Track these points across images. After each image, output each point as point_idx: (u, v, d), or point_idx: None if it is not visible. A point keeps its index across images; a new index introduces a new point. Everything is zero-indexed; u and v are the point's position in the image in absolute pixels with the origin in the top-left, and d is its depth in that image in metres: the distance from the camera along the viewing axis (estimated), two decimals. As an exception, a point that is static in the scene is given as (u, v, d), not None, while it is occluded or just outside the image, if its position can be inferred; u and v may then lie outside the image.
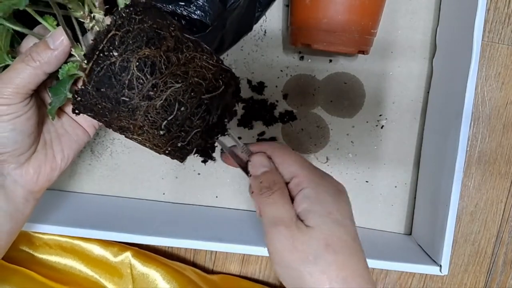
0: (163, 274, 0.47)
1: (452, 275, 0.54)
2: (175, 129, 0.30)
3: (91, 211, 0.48)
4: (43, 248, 0.48)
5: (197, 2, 0.40)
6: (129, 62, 0.28)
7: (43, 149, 0.34)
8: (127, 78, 0.28)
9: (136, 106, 0.29)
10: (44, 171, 0.34)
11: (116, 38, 0.28)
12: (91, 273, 0.48)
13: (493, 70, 0.52)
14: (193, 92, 0.30)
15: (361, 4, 0.41)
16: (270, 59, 0.50)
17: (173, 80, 0.29)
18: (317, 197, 0.30)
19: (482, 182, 0.53)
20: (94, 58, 0.28)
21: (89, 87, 0.28)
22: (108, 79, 0.28)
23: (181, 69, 0.30)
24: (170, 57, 0.29)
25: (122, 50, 0.28)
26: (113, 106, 0.29)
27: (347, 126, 0.51)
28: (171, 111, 0.29)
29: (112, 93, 0.28)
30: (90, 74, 0.28)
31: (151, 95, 0.29)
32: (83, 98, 0.29)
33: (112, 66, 0.28)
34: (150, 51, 0.28)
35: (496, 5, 0.51)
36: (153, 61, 0.28)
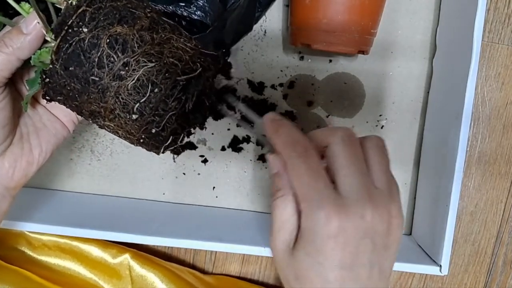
0: (161, 276, 0.47)
1: (452, 275, 0.54)
2: (148, 113, 0.28)
3: (91, 211, 0.48)
4: (41, 249, 0.48)
5: (197, 2, 0.40)
6: (100, 39, 0.27)
7: (19, 143, 0.33)
8: (96, 56, 0.27)
9: (107, 87, 0.27)
10: (20, 165, 0.33)
11: (86, 14, 0.27)
12: (90, 275, 0.48)
13: (493, 70, 0.52)
14: (167, 73, 0.28)
15: (361, 4, 0.41)
16: (270, 59, 0.50)
17: (146, 59, 0.27)
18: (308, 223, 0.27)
19: (482, 182, 0.53)
20: (62, 34, 0.27)
21: (57, 65, 0.27)
22: (77, 56, 0.27)
23: (155, 49, 0.28)
24: (144, 36, 0.28)
25: (92, 26, 0.27)
26: (82, 87, 0.28)
27: (347, 126, 0.51)
28: (144, 93, 0.28)
29: (81, 72, 0.27)
30: (58, 52, 0.27)
31: (122, 74, 0.27)
32: (51, 79, 0.28)
33: (81, 43, 0.27)
34: (123, 28, 0.27)
35: (496, 5, 0.51)
36: (125, 38, 0.27)
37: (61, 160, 0.51)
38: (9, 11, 0.31)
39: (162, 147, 0.32)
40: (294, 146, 0.28)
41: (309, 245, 0.26)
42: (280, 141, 0.29)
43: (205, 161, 0.51)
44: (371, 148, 0.29)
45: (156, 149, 0.32)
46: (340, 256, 0.26)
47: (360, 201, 0.26)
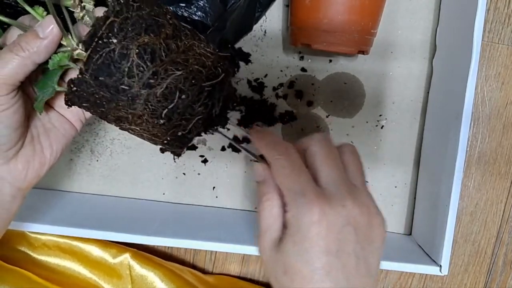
0: (161, 276, 0.47)
1: (452, 275, 0.54)
2: (176, 118, 0.29)
3: (91, 211, 0.48)
4: (41, 249, 0.48)
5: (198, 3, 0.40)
6: (129, 49, 0.27)
7: (30, 144, 0.33)
8: (127, 66, 0.27)
9: (136, 95, 0.28)
10: (33, 166, 0.33)
11: (115, 25, 0.27)
12: (90, 275, 0.48)
13: (493, 70, 0.52)
14: (194, 80, 0.29)
15: (361, 5, 0.41)
16: (270, 59, 0.50)
17: (173, 68, 0.28)
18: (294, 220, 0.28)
19: (482, 182, 0.53)
20: (93, 45, 0.27)
21: (87, 75, 0.28)
22: (107, 67, 0.27)
23: (181, 57, 0.29)
24: (170, 45, 0.28)
25: (121, 37, 0.27)
26: (111, 95, 0.28)
27: (347, 126, 0.51)
28: (172, 99, 0.29)
29: (111, 81, 0.28)
30: (88, 62, 0.27)
31: (152, 83, 0.28)
32: (79, 88, 0.28)
33: (111, 54, 0.27)
34: (150, 38, 0.28)
35: (496, 5, 0.51)
36: (153, 48, 0.28)
37: (61, 160, 0.50)
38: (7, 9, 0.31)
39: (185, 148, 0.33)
40: (276, 147, 0.30)
41: (295, 234, 0.27)
42: (263, 144, 0.31)
43: (205, 161, 0.51)
44: (346, 152, 0.31)
45: (180, 149, 0.33)
46: (325, 242, 0.27)
47: (341, 193, 0.28)
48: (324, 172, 0.29)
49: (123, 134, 0.50)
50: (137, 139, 0.51)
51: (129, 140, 0.50)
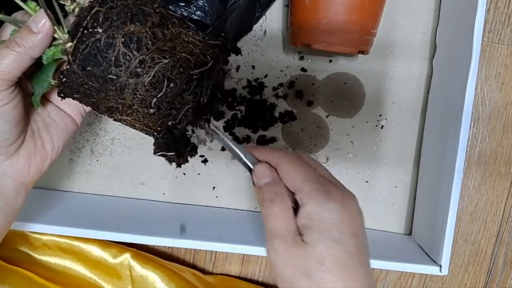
0: (161, 276, 0.47)
1: (452, 275, 0.54)
2: (165, 107, 0.29)
3: (91, 211, 0.48)
4: (41, 249, 0.48)
5: (197, 2, 0.40)
6: (115, 38, 0.27)
7: (31, 139, 0.33)
8: (113, 55, 0.27)
9: (124, 84, 0.28)
10: (35, 161, 0.34)
11: (99, 15, 0.27)
12: (90, 275, 0.48)
13: (493, 70, 0.52)
14: (181, 68, 0.29)
15: (361, 4, 0.41)
16: (270, 59, 0.50)
17: (160, 56, 0.28)
18: (316, 213, 0.30)
19: (482, 182, 0.53)
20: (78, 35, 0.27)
21: (74, 66, 0.28)
22: (94, 56, 0.27)
23: (168, 45, 0.29)
24: (156, 33, 0.28)
25: (107, 26, 0.27)
26: (100, 85, 0.28)
27: (347, 126, 0.51)
28: (160, 88, 0.29)
29: (98, 71, 0.28)
30: (75, 52, 0.28)
31: (139, 71, 0.28)
32: (68, 79, 0.29)
33: (97, 43, 0.27)
34: (135, 27, 0.28)
35: (496, 5, 0.51)
36: (139, 36, 0.28)
37: (61, 160, 0.51)
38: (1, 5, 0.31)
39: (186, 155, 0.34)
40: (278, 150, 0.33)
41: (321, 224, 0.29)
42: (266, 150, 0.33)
43: (205, 161, 0.51)
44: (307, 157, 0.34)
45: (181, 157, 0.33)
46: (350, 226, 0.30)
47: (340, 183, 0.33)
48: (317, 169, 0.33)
49: (123, 134, 0.50)
50: (137, 139, 0.51)
51: (129, 140, 0.50)
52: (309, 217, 0.29)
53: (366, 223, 0.51)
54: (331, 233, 0.29)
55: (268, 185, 0.31)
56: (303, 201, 0.30)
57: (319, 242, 0.29)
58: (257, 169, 0.33)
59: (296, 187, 0.31)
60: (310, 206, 0.30)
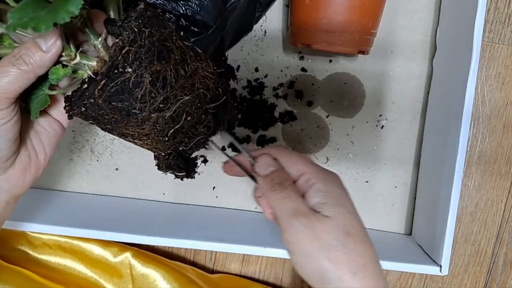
0: (163, 274, 0.47)
1: (452, 275, 0.54)
2: (181, 136, 0.31)
3: (91, 211, 0.48)
4: (42, 248, 0.48)
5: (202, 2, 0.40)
6: (143, 77, 0.28)
7: (25, 151, 0.32)
8: (140, 93, 0.28)
9: (147, 118, 0.29)
10: (29, 172, 0.33)
11: (130, 54, 0.27)
12: (91, 274, 0.48)
13: (493, 70, 0.52)
14: (199, 103, 0.31)
15: (361, 4, 0.41)
16: (270, 59, 0.50)
17: (182, 93, 0.29)
18: (328, 190, 0.31)
19: (482, 182, 0.53)
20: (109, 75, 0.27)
21: (100, 100, 0.28)
22: (121, 93, 0.28)
23: (189, 82, 0.30)
24: (179, 70, 0.29)
25: (136, 66, 0.27)
26: (122, 118, 0.29)
27: (347, 126, 0.51)
28: (179, 121, 0.30)
29: (123, 106, 0.28)
30: (103, 89, 0.27)
31: (162, 107, 0.29)
32: (89, 109, 0.28)
33: (126, 82, 0.27)
34: (161, 65, 0.28)
35: (496, 5, 0.51)
36: (164, 75, 0.28)
37: (61, 160, 0.51)
38: None
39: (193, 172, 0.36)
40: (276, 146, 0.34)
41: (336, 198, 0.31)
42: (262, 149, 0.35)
43: (205, 161, 0.51)
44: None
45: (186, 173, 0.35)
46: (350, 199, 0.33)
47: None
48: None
49: (123, 134, 0.50)
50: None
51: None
52: (322, 193, 0.31)
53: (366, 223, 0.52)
54: (346, 206, 0.31)
55: (275, 172, 0.33)
56: (311, 181, 0.32)
57: (340, 214, 0.30)
58: (261, 159, 0.34)
59: (301, 170, 0.33)
60: (320, 184, 0.31)
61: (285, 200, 0.31)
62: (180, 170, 0.35)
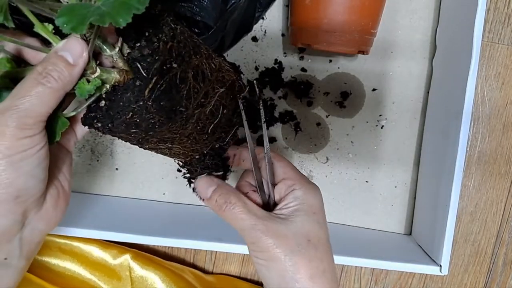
0: (161, 277, 0.47)
1: (452, 275, 0.54)
2: (219, 131, 0.31)
3: (91, 211, 0.48)
4: (41, 249, 0.48)
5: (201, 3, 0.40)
6: (187, 72, 0.27)
7: (52, 183, 0.29)
8: (185, 89, 0.27)
9: (190, 115, 0.28)
10: (60, 205, 0.30)
11: (173, 50, 0.26)
12: (90, 276, 0.48)
13: (493, 70, 0.52)
14: (231, 95, 0.31)
15: (361, 4, 0.41)
16: (270, 59, 0.50)
17: (218, 86, 0.30)
18: (305, 198, 0.33)
19: (482, 182, 0.53)
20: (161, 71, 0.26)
21: (149, 102, 0.26)
22: (169, 91, 0.26)
23: (220, 74, 0.30)
24: (210, 64, 0.29)
25: (180, 61, 0.27)
26: (168, 119, 0.27)
27: (347, 126, 0.51)
28: (217, 115, 0.30)
29: (170, 105, 0.27)
30: (153, 89, 0.26)
31: (203, 102, 0.29)
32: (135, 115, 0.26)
33: (173, 78, 0.26)
34: (198, 60, 0.28)
35: (496, 5, 0.51)
36: (202, 70, 0.28)
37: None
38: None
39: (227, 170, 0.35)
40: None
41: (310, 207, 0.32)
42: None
43: (205, 161, 0.51)
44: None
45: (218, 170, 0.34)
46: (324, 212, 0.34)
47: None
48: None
49: (123, 134, 0.50)
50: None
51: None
52: (300, 200, 0.32)
53: (366, 223, 0.52)
54: (317, 216, 0.32)
55: (216, 192, 0.33)
56: (294, 187, 0.33)
57: (307, 222, 0.31)
58: (198, 183, 0.34)
59: (287, 174, 0.34)
60: (301, 191, 0.33)
61: (239, 216, 0.32)
62: (218, 168, 0.34)
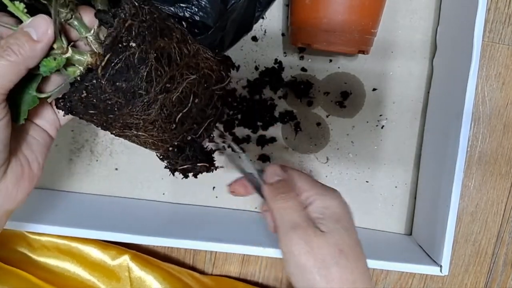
0: (160, 278, 0.47)
1: (452, 276, 0.54)
2: (189, 122, 0.29)
3: (90, 211, 0.48)
4: (40, 250, 0.48)
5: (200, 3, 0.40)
6: (148, 53, 0.26)
7: (16, 161, 0.30)
8: (145, 70, 0.26)
9: (153, 100, 0.27)
10: (23, 184, 0.30)
11: (133, 28, 0.26)
12: (89, 277, 0.48)
13: (493, 70, 0.52)
14: (206, 83, 0.29)
15: (361, 4, 0.41)
16: (270, 58, 0.50)
17: (188, 72, 0.28)
18: (326, 206, 0.33)
19: (483, 182, 0.53)
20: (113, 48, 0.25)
21: (103, 81, 0.26)
22: (126, 71, 0.26)
23: (193, 61, 0.28)
24: (182, 48, 0.28)
25: (140, 41, 0.26)
26: (127, 101, 0.27)
27: (347, 126, 0.51)
28: (186, 103, 0.28)
29: (128, 86, 0.26)
30: (107, 67, 0.25)
31: (168, 87, 0.27)
32: (91, 94, 0.26)
33: (131, 58, 0.26)
34: (165, 42, 0.27)
35: (496, 5, 0.51)
36: (169, 52, 0.27)
37: (60, 160, 0.51)
38: None
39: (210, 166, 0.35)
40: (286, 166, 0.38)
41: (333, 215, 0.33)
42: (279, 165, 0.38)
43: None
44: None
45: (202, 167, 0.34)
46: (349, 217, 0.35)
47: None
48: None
49: (122, 134, 0.50)
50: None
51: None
52: (321, 210, 0.33)
53: (366, 223, 0.52)
54: (342, 223, 0.32)
55: (281, 182, 0.34)
56: (313, 198, 0.33)
57: (336, 231, 0.32)
58: (269, 168, 0.36)
59: (304, 187, 0.34)
60: (320, 201, 0.33)
61: (286, 210, 0.32)
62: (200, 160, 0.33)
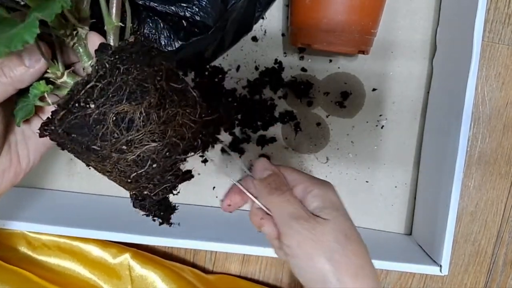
0: (161, 276, 0.47)
1: (452, 275, 0.54)
2: (144, 181, 0.29)
3: (91, 211, 0.48)
4: (41, 249, 0.48)
5: (200, 3, 0.40)
6: (106, 116, 0.26)
7: (7, 154, 0.31)
8: (101, 131, 0.26)
9: (107, 156, 0.27)
10: (8, 176, 0.31)
11: (95, 90, 0.26)
12: (89, 275, 0.48)
13: (493, 70, 0.52)
14: (168, 152, 0.28)
15: (361, 4, 0.41)
16: (270, 59, 0.50)
17: (149, 139, 0.27)
18: (324, 195, 0.33)
19: (482, 182, 0.53)
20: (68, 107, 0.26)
21: (59, 129, 0.27)
22: (80, 128, 0.26)
23: (160, 128, 0.28)
24: (151, 114, 0.27)
25: (100, 103, 0.26)
26: (82, 150, 0.27)
27: (347, 126, 0.51)
28: (143, 166, 0.28)
29: (83, 139, 0.27)
30: (62, 120, 0.26)
31: (124, 149, 0.27)
32: (51, 135, 0.27)
33: (86, 118, 0.26)
34: (130, 106, 0.26)
35: (496, 5, 0.51)
36: (131, 117, 0.26)
37: (61, 160, 0.51)
38: None
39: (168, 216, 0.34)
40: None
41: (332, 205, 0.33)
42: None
43: (205, 161, 0.51)
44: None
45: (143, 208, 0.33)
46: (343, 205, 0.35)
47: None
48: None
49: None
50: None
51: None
52: (321, 199, 0.33)
53: (366, 223, 0.52)
54: (342, 210, 0.33)
55: (272, 176, 0.34)
56: (310, 188, 0.33)
57: (338, 218, 0.32)
58: (257, 162, 0.35)
59: (297, 180, 0.34)
60: (317, 190, 0.33)
61: (284, 203, 0.32)
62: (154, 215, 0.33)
